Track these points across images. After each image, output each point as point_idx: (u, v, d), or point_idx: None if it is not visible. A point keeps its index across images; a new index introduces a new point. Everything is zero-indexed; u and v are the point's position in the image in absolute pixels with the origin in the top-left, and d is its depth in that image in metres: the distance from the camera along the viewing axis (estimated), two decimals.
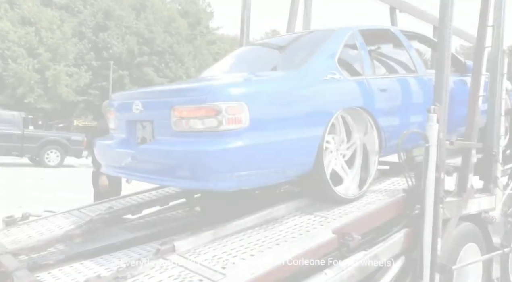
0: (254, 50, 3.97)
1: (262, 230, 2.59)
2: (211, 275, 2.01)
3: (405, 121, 3.40)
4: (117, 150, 2.93)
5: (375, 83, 3.19)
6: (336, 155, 2.98)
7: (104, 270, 2.30)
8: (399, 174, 3.62)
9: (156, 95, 2.92)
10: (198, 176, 2.39)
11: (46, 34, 29.33)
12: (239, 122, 2.35)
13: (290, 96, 2.66)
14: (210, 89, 2.42)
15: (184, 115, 2.42)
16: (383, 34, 3.81)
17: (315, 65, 2.92)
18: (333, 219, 2.65)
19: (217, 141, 2.34)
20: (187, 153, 2.39)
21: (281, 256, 2.20)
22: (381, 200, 2.97)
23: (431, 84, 3.56)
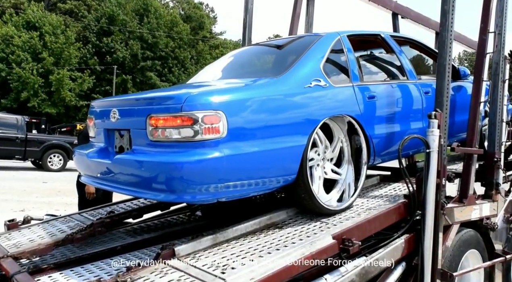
0: (242, 55, 3.85)
1: (262, 235, 2.59)
2: (210, 280, 2.01)
3: (395, 129, 3.33)
4: (94, 160, 2.83)
5: (362, 90, 3.10)
6: (324, 164, 2.90)
7: (104, 274, 2.30)
8: (400, 180, 3.63)
9: (133, 103, 2.77)
10: (173, 189, 2.28)
11: (50, 38, 29.56)
12: (216, 132, 2.28)
13: (270, 104, 2.56)
14: (186, 98, 2.30)
15: (160, 124, 2.33)
16: (373, 39, 3.73)
17: (298, 72, 2.81)
18: (333, 225, 2.65)
19: (193, 152, 2.25)
20: (161, 164, 2.29)
21: (281, 261, 2.20)
22: (382, 205, 2.97)
23: (424, 90, 3.63)
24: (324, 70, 2.91)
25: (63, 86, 29.27)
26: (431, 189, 2.84)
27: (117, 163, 2.60)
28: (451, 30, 3.11)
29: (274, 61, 3.40)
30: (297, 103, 2.69)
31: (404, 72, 3.61)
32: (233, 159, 2.32)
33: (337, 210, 2.84)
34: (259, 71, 3.31)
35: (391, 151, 3.34)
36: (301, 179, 2.64)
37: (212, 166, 2.26)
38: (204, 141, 2.26)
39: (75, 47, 31.35)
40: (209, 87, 2.86)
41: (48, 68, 29.04)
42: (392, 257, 2.74)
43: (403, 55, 3.70)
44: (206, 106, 2.29)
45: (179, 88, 2.93)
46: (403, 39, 3.97)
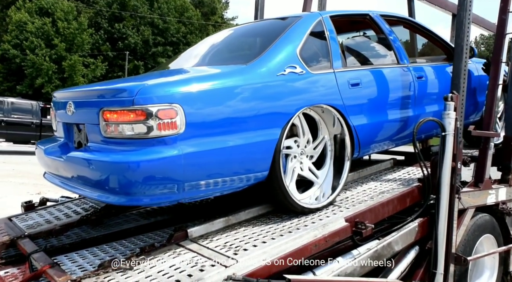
0: (220, 39, 3.45)
1: (274, 217, 2.59)
2: (223, 261, 2.02)
3: (383, 118, 3.07)
4: (50, 156, 2.60)
5: (345, 76, 2.82)
6: (301, 158, 2.67)
7: (119, 254, 2.33)
8: (414, 164, 3.59)
9: (87, 95, 2.52)
10: (124, 191, 2.06)
11: (63, 24, 29.67)
12: (173, 128, 2.06)
13: (235, 95, 2.29)
14: (139, 90, 2.06)
15: (112, 119, 2.11)
16: (361, 20, 3.42)
17: (270, 58, 2.52)
18: (346, 208, 2.64)
19: (147, 150, 2.04)
20: (110, 164, 2.07)
21: (293, 243, 2.20)
22: (395, 189, 2.94)
23: (416, 75, 3.36)
24: (301, 55, 2.64)
25: (76, 72, 29.49)
26: (446, 172, 2.80)
27: (69, 161, 2.38)
28: (469, 10, 3.02)
29: (247, 46, 3.11)
30: (268, 93, 2.41)
31: (395, 56, 3.32)
32: (193, 157, 2.10)
33: (312, 208, 2.60)
34: (232, 58, 2.98)
35: (379, 142, 3.15)
36: (274, 176, 2.43)
37: (168, 165, 2.04)
38: (159, 138, 2.05)
39: (88, 33, 31.45)
40: (168, 78, 2.56)
41: (61, 54, 29.24)
42: (405, 241, 2.73)
43: (394, 37, 3.40)
44: (161, 99, 2.05)
45: (136, 79, 2.67)
46: (396, 19, 3.64)
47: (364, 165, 3.55)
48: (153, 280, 1.91)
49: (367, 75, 3.02)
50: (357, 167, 3.44)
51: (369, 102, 2.98)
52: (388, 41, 3.35)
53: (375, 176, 3.37)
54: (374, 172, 3.47)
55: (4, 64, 29.73)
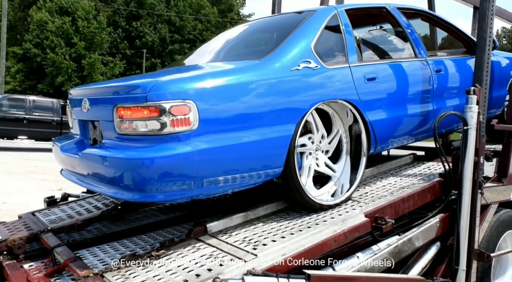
0: (236, 34, 3.40)
1: (292, 213, 2.58)
2: (242, 256, 2.03)
3: (400, 113, 3.01)
4: (67, 153, 2.61)
5: (361, 71, 2.77)
6: (317, 154, 2.65)
7: (139, 248, 2.36)
8: (434, 159, 3.53)
9: (101, 92, 2.51)
10: (138, 188, 2.06)
11: (83, 23, 30.14)
12: (186, 124, 2.04)
13: (249, 91, 2.27)
14: (152, 86, 2.05)
15: (126, 116, 2.11)
16: (377, 13, 3.35)
17: (284, 53, 2.50)
18: (365, 203, 2.61)
19: (160, 146, 2.03)
20: (124, 160, 2.07)
21: (312, 239, 2.19)
22: (416, 184, 2.90)
23: (435, 68, 3.29)
24: (316, 50, 2.60)
25: (95, 70, 29.95)
26: (469, 167, 2.75)
27: (84, 158, 2.39)
28: (493, 1, 2.94)
29: (262, 41, 3.07)
30: (282, 88, 2.39)
31: (412, 49, 3.26)
32: (206, 154, 2.08)
33: (330, 205, 2.58)
34: (246, 53, 2.96)
35: (396, 137, 3.07)
36: (288, 172, 2.40)
37: (182, 162, 2.03)
38: (173, 134, 2.04)
39: (107, 32, 31.88)
40: (181, 74, 2.54)
41: (80, 52, 29.72)
42: (426, 236, 2.69)
43: (412, 29, 3.32)
44: (174, 95, 2.04)
45: (150, 76, 2.64)
46: (413, 11, 3.55)
47: (383, 160, 3.51)
48: (173, 274, 1.93)
49: (383, 69, 2.97)
50: (376, 162, 3.40)
51: (385, 96, 2.92)
52: (405, 34, 3.27)
53: (394, 171, 3.33)
54: (394, 167, 3.43)
55: (25, 63, 30.39)
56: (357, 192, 2.83)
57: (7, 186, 7.56)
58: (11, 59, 30.39)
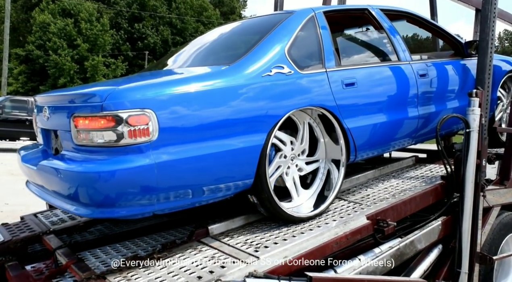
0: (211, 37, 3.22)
1: None
2: (244, 258, 2.03)
3: (381, 120, 2.85)
4: (27, 164, 2.46)
5: (339, 76, 2.63)
6: (290, 163, 2.50)
7: (141, 250, 2.36)
8: (436, 161, 3.52)
9: (59, 99, 2.36)
10: (95, 203, 1.93)
11: (85, 25, 30.24)
12: (145, 135, 1.91)
13: (214, 99, 2.12)
14: (108, 95, 1.92)
15: (83, 126, 1.97)
16: (358, 15, 3.22)
17: (255, 59, 2.36)
18: (367, 206, 2.61)
19: (117, 159, 1.90)
20: (78, 174, 1.94)
21: (314, 241, 2.19)
22: (417, 187, 2.89)
23: (419, 73, 3.16)
24: (290, 54, 2.47)
25: (97, 72, 30.02)
26: (471, 170, 2.75)
27: (40, 170, 2.26)
28: (495, 3, 2.95)
29: (235, 46, 2.88)
30: (251, 96, 2.24)
31: (395, 53, 3.11)
32: (167, 166, 1.95)
33: (306, 217, 2.44)
34: (217, 58, 2.77)
35: (378, 145, 2.95)
36: (259, 183, 2.27)
37: (140, 175, 1.90)
38: (131, 146, 1.90)
39: (109, 34, 31.98)
40: (142, 81, 2.35)
41: (83, 54, 29.81)
42: (428, 239, 2.69)
43: (395, 32, 3.19)
44: (131, 104, 1.90)
45: (110, 83, 2.48)
46: (398, 13, 3.42)
47: (384, 163, 3.51)
48: (175, 276, 1.93)
49: (363, 74, 2.83)
50: (378, 165, 3.40)
51: (365, 102, 2.78)
52: (389, 37, 3.14)
53: (396, 173, 3.33)
54: (395, 169, 3.43)
55: (28, 65, 30.49)
56: (359, 194, 2.83)
57: (9, 188, 7.57)
58: (14, 61, 30.50)
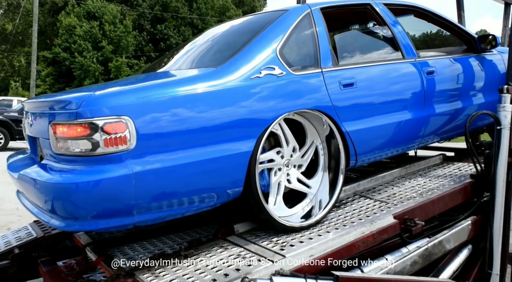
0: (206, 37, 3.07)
1: None
2: (270, 256, 2.03)
3: (384, 121, 2.69)
4: (11, 172, 2.38)
5: (336, 76, 2.49)
6: (288, 170, 2.40)
7: (167, 247, 2.39)
8: (465, 159, 3.44)
9: (40, 106, 2.26)
10: (72, 215, 1.84)
11: (109, 27, 30.83)
12: (122, 143, 1.81)
13: (198, 103, 2.00)
14: (83, 102, 1.82)
15: (60, 134, 1.88)
16: (359, 10, 3.07)
17: (243, 60, 2.24)
18: (393, 204, 2.57)
19: (92, 169, 1.81)
20: (54, 185, 1.85)
21: (340, 240, 2.17)
22: (446, 185, 2.83)
23: (426, 70, 2.98)
24: (282, 55, 2.34)
25: (121, 73, 30.53)
26: (502, 168, 2.67)
27: (20, 179, 2.16)
28: None
29: (225, 46, 2.73)
30: (238, 99, 2.12)
31: (400, 50, 2.94)
32: (146, 176, 1.85)
33: (298, 227, 2.31)
34: (207, 59, 2.65)
35: (381, 148, 2.78)
36: (249, 191, 2.16)
37: (117, 186, 1.80)
38: (107, 155, 1.81)
39: (132, 35, 32.50)
40: (121, 86, 2.29)
41: (107, 56, 30.39)
42: (457, 239, 2.64)
43: (400, 28, 3.00)
44: (107, 111, 1.81)
45: (88, 89, 2.35)
46: (403, 7, 3.23)
47: (410, 161, 3.45)
48: (202, 274, 1.95)
49: (363, 73, 2.67)
50: (404, 163, 3.34)
51: (366, 104, 2.63)
52: (392, 34, 2.96)
53: (423, 172, 3.26)
54: (422, 168, 3.36)
55: (55, 67, 31.28)
56: (385, 193, 2.79)
57: None
58: (42, 63, 31.38)
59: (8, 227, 4.74)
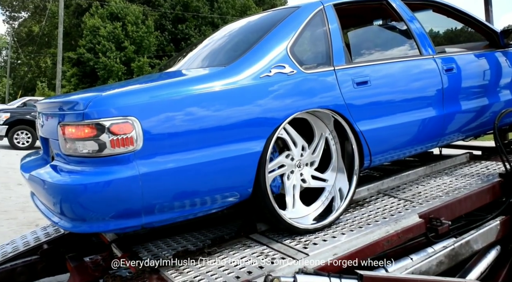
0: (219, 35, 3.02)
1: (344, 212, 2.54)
2: (293, 254, 2.03)
3: (399, 121, 2.61)
4: (24, 172, 2.36)
5: (349, 74, 2.43)
6: (301, 170, 2.35)
7: (190, 245, 2.42)
8: (492, 158, 3.35)
9: (50, 107, 2.26)
10: (79, 217, 1.83)
11: (132, 28, 31.33)
12: (128, 144, 1.80)
13: (206, 103, 1.97)
14: (89, 102, 1.82)
15: (68, 135, 1.88)
16: (374, 6, 2.98)
17: (253, 58, 2.19)
18: (419, 204, 2.53)
19: (99, 171, 1.80)
20: (60, 186, 1.84)
21: (364, 239, 2.15)
22: (473, 185, 2.76)
23: (445, 67, 2.88)
24: (293, 53, 2.29)
25: (143, 73, 30.95)
26: None
27: (30, 180, 2.16)
28: None
29: (235, 45, 2.67)
30: (247, 99, 2.08)
31: (417, 46, 2.85)
32: (154, 177, 1.83)
33: (312, 229, 2.27)
34: (218, 58, 2.60)
35: (396, 148, 2.70)
36: (259, 193, 2.11)
37: (124, 188, 1.79)
38: (114, 156, 1.79)
39: (154, 36, 32.92)
40: (130, 86, 2.25)
41: (129, 56, 30.88)
42: (485, 239, 2.57)
43: (417, 23, 2.91)
44: (113, 112, 1.80)
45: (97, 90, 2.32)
46: (421, 2, 3.13)
47: (436, 160, 3.38)
48: (226, 271, 1.96)
49: (378, 71, 2.59)
50: (429, 162, 3.28)
51: (380, 102, 2.56)
52: (409, 30, 2.87)
53: (449, 170, 3.19)
54: (448, 166, 3.29)
55: (79, 67, 31.99)
56: (409, 192, 2.75)
57: None
58: (67, 64, 32.14)
59: (36, 224, 4.87)
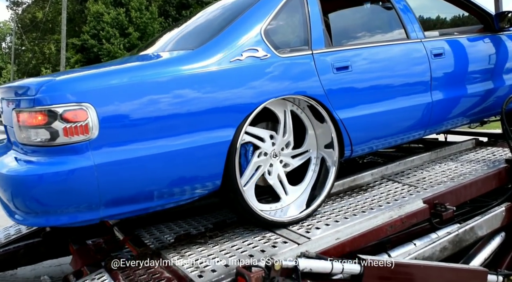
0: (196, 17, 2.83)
1: (346, 197, 2.52)
2: (295, 238, 2.01)
3: (383, 108, 2.47)
4: None
5: (328, 59, 2.29)
6: (272, 160, 2.20)
7: (192, 229, 2.41)
8: (499, 144, 3.31)
9: (5, 92, 2.07)
10: (31, 209, 1.73)
11: (135, 14, 31.13)
12: (83, 132, 1.68)
13: (169, 89, 1.85)
14: (41, 87, 1.70)
15: (21, 122, 1.75)
16: None
17: (223, 41, 2.06)
18: (423, 189, 2.50)
19: (52, 161, 1.68)
20: (11, 177, 1.73)
21: (367, 223, 2.13)
22: (479, 170, 2.73)
23: (433, 52, 2.73)
24: (267, 35, 2.14)
25: None
26: None
27: None
28: None
29: (207, 27, 2.49)
30: (215, 85, 1.94)
31: (404, 29, 2.70)
32: (110, 168, 1.72)
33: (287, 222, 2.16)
34: (188, 41, 2.43)
35: (379, 138, 2.57)
36: (229, 183, 2.00)
37: (77, 179, 1.68)
38: (67, 145, 1.68)
39: (158, 22, 32.71)
40: (86, 71, 2.08)
41: (133, 42, 30.73)
42: (490, 226, 2.55)
43: (404, 5, 2.74)
44: (67, 98, 1.68)
45: (51, 75, 2.07)
46: None
47: (441, 146, 3.34)
48: (227, 254, 1.95)
49: (359, 55, 2.45)
50: (435, 147, 3.24)
51: (362, 89, 2.41)
52: (396, 11, 2.72)
53: (454, 156, 3.16)
54: (454, 152, 3.25)
55: (83, 54, 31.91)
56: (414, 177, 2.72)
57: None
58: (71, 50, 32.05)
59: None
